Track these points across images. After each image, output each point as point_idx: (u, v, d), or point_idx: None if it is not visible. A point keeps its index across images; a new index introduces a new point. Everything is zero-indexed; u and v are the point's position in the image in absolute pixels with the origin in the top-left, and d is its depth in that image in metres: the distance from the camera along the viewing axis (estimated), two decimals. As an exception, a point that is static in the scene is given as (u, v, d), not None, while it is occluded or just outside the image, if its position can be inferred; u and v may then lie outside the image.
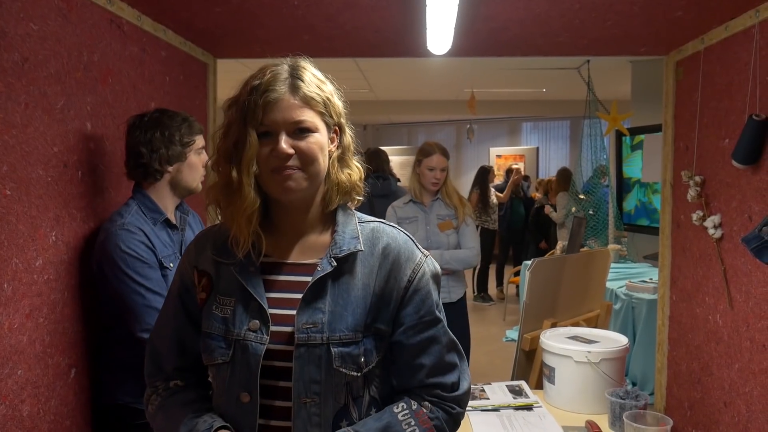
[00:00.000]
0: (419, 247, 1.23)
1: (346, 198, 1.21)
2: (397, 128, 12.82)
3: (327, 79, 1.18)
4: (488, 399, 2.15)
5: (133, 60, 1.91)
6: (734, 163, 1.84)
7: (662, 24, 1.99)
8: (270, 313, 1.13)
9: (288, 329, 1.13)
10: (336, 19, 1.96)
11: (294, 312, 1.13)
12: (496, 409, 2.08)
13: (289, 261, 1.19)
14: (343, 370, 1.12)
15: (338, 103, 1.18)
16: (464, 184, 10.98)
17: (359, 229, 1.20)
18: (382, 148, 5.58)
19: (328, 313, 1.13)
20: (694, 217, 2.13)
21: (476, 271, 7.41)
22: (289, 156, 1.10)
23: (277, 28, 2.07)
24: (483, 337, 5.71)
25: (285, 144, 1.10)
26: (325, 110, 1.15)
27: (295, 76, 1.12)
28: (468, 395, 1.23)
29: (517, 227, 7.91)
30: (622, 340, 2.18)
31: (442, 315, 1.22)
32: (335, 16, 1.92)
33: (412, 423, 1.14)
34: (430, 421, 1.16)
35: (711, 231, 2.03)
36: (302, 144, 1.11)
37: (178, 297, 1.23)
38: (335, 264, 1.15)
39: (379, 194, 4.08)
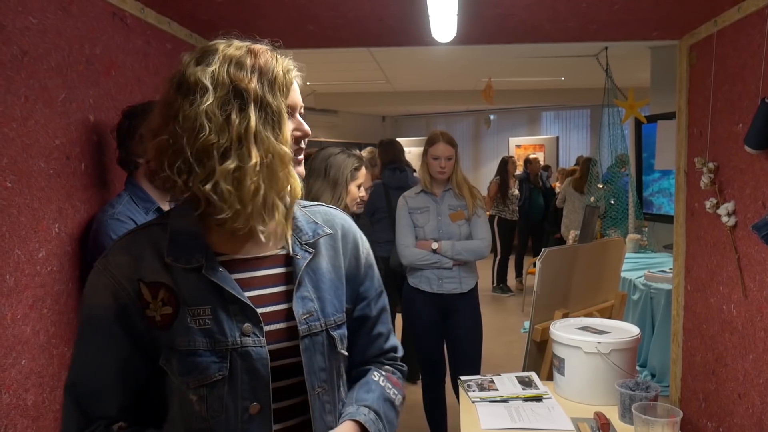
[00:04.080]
0: None
1: None
2: (416, 119, 12.78)
3: None
4: (497, 390, 2.14)
5: (137, 52, 1.92)
6: (747, 148, 1.79)
7: (673, 6, 1.94)
8: (259, 313, 1.06)
9: (282, 325, 1.09)
10: (339, 9, 1.94)
11: (280, 307, 1.10)
12: (504, 401, 2.06)
13: (248, 256, 1.10)
14: (342, 352, 1.15)
15: None
16: (484, 175, 10.93)
17: (309, 213, 1.20)
18: (399, 139, 5.55)
19: (315, 300, 1.12)
20: (708, 204, 2.08)
21: (496, 262, 7.37)
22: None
23: (281, 19, 2.06)
24: (501, 328, 5.68)
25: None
26: None
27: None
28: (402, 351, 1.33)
29: (536, 218, 7.85)
30: (634, 330, 2.14)
31: None
32: (338, 5, 1.91)
33: (390, 386, 1.23)
34: (399, 382, 1.27)
35: (724, 219, 1.98)
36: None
37: (116, 323, 1.03)
38: (312, 251, 1.14)
39: (396, 186, 4.03)
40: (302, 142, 1.11)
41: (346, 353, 1.17)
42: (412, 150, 8.41)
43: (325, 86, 8.71)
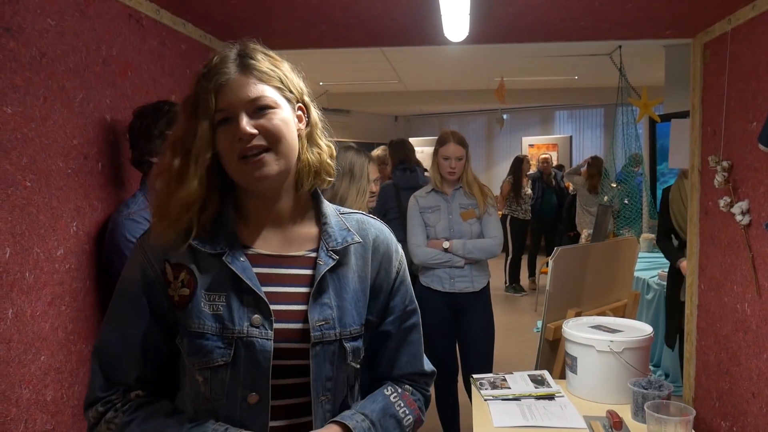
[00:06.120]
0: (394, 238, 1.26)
1: (317, 180, 1.13)
2: (428, 119, 12.76)
3: (282, 59, 1.12)
4: (509, 388, 2.14)
5: (152, 54, 1.94)
6: (761, 146, 1.78)
7: (686, 4, 1.94)
8: (272, 309, 1.06)
9: (296, 326, 1.08)
10: (351, 9, 1.96)
11: (299, 307, 1.09)
12: (516, 399, 2.07)
13: (276, 253, 1.11)
14: (353, 364, 1.12)
15: (297, 79, 1.12)
16: (497, 174, 10.89)
17: (344, 220, 1.17)
18: (412, 138, 5.55)
19: (335, 308, 1.10)
20: (722, 203, 2.07)
21: (508, 262, 7.35)
22: (253, 136, 1.02)
23: (294, 19, 2.08)
24: (514, 328, 5.67)
25: (246, 124, 1.02)
26: (282, 85, 1.08)
27: (243, 55, 1.06)
28: (434, 375, 1.28)
29: (549, 217, 7.82)
30: (647, 329, 2.14)
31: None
32: (350, 5, 1.92)
33: (402, 405, 1.18)
34: (415, 403, 1.21)
35: (738, 217, 1.97)
36: (264, 121, 1.04)
37: (143, 297, 1.08)
38: (336, 257, 1.11)
39: (407, 186, 4.02)
40: (253, 140, 1.03)
41: (358, 366, 1.14)
42: (424, 150, 8.40)
43: (337, 86, 8.72)
